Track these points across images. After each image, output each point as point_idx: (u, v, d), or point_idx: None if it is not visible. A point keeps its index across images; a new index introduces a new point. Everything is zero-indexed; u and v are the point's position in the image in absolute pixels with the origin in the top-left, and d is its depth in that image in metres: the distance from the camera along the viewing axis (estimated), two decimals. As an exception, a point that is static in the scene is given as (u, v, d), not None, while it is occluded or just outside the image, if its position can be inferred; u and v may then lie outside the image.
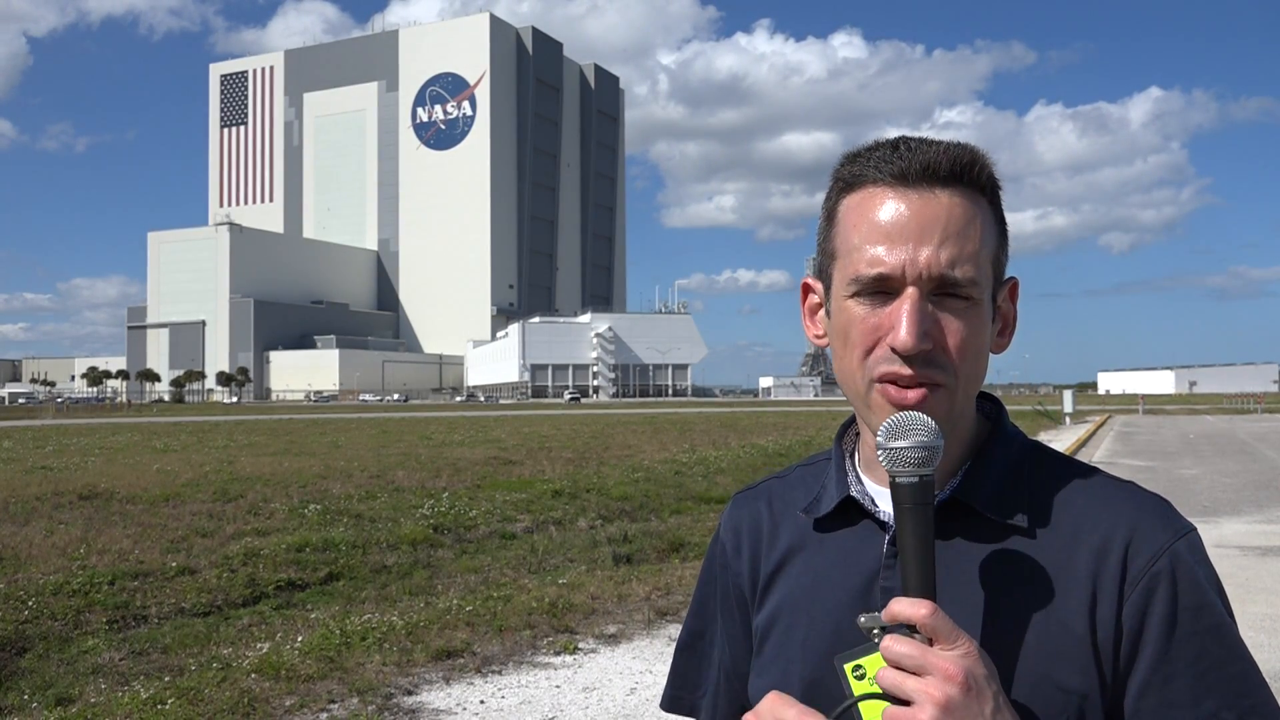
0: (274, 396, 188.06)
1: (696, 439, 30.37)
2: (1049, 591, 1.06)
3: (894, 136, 1.12)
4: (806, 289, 1.22)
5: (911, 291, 1.05)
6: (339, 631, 7.23)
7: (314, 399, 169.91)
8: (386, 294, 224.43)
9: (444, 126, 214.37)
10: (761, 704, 0.99)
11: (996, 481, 1.13)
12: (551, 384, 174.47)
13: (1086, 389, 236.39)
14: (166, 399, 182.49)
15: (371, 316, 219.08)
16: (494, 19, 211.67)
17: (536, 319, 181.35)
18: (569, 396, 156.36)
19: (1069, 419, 48.97)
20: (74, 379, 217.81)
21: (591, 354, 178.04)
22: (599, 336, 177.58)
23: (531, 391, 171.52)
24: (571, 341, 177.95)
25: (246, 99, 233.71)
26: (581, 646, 7.23)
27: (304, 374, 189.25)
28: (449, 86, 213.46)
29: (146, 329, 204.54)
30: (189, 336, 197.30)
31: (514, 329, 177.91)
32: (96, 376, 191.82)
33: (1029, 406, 62.68)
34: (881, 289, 1.07)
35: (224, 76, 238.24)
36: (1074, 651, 1.04)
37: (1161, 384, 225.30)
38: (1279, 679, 6.06)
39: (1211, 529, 12.69)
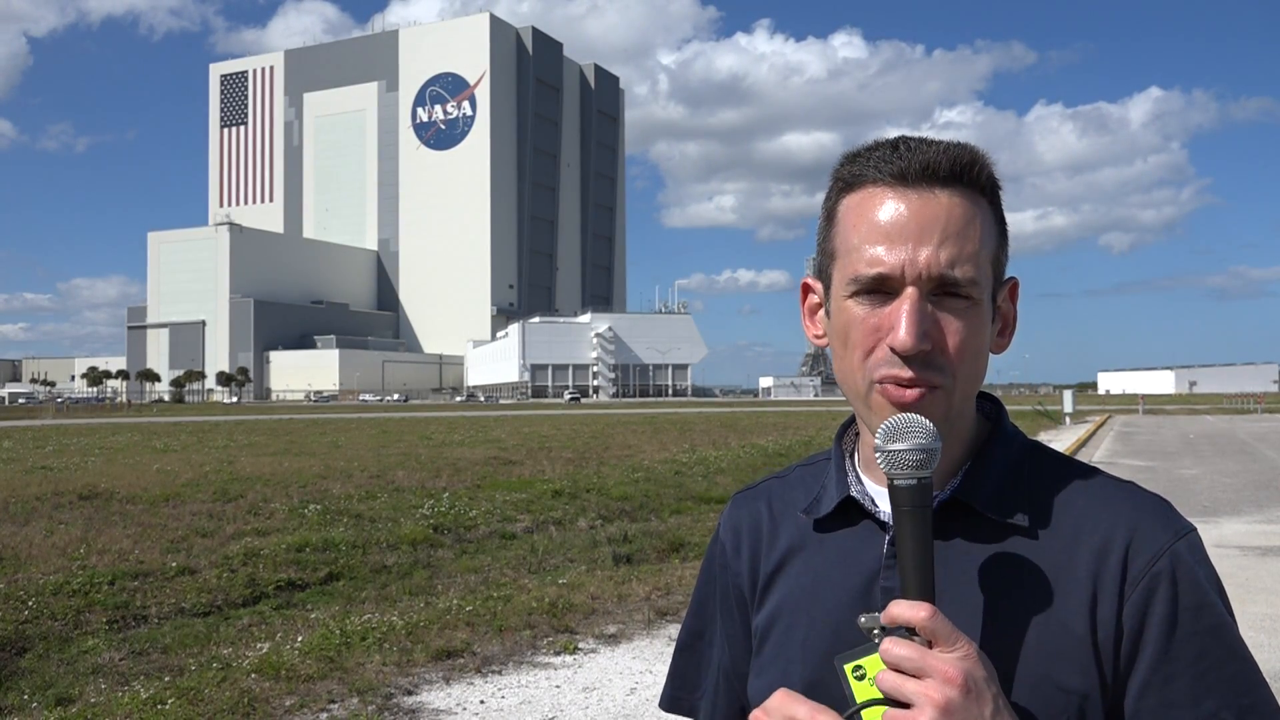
0: (274, 396, 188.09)
1: (696, 439, 30.37)
2: (1049, 592, 1.06)
3: (894, 136, 1.12)
4: (806, 289, 1.22)
5: (911, 291, 1.04)
6: (339, 631, 7.23)
7: (314, 399, 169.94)
8: (386, 294, 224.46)
9: (444, 126, 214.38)
10: (770, 700, 0.99)
11: (996, 481, 1.12)
12: (551, 384, 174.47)
13: (1086, 389, 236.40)
14: (166, 399, 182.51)
15: (371, 316, 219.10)
16: (494, 19, 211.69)
17: (536, 319, 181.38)
18: (569, 396, 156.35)
19: (1069, 419, 48.96)
20: (74, 379, 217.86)
21: (591, 354, 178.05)
22: (599, 336, 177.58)
23: (531, 391, 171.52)
24: (571, 341, 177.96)
25: (246, 99, 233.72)
26: (581, 646, 7.23)
27: (304, 374, 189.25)
28: (449, 86, 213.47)
29: (146, 329, 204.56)
30: (189, 336, 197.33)
31: (514, 329, 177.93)
32: (96, 376, 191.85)
33: (1029, 406, 62.68)
34: (881, 289, 1.06)
35: (224, 76, 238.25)
36: (1074, 652, 1.04)
37: (1161, 384, 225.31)
38: (1279, 679, 6.06)
39: (1211, 529, 12.69)
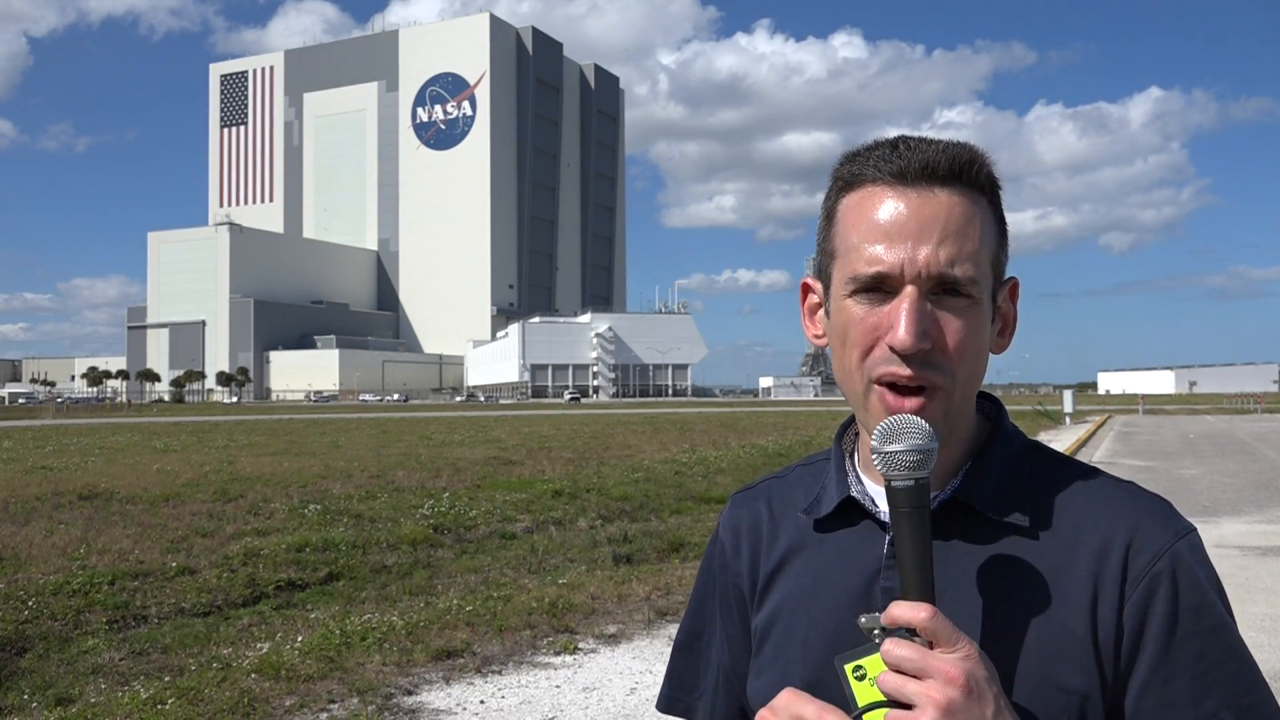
0: (274, 396, 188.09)
1: (696, 439, 30.37)
2: (1050, 592, 1.06)
3: (893, 136, 1.12)
4: (806, 289, 1.22)
5: (910, 290, 1.04)
6: (339, 631, 7.22)
7: (314, 399, 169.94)
8: (386, 294, 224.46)
9: (444, 126, 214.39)
10: (777, 700, 0.99)
11: (997, 482, 1.12)
12: (551, 384, 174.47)
13: (1086, 389, 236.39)
14: (166, 399, 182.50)
15: (371, 316, 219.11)
16: (494, 19, 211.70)
17: (536, 319, 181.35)
18: (569, 396, 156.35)
19: (1069, 419, 48.96)
20: (74, 379, 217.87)
21: (591, 354, 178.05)
22: (599, 336, 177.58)
23: (531, 391, 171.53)
24: (571, 341, 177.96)
25: (246, 99, 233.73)
26: (581, 646, 7.22)
27: (304, 374, 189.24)
28: (449, 86, 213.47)
29: (146, 329, 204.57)
30: (189, 336, 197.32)
31: (514, 329, 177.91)
32: (96, 376, 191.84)
33: (1029, 406, 62.68)
34: (880, 288, 1.06)
35: (224, 76, 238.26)
36: (1075, 652, 1.04)
37: (1161, 384, 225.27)
38: (1279, 679, 6.06)
39: (1211, 529, 12.69)
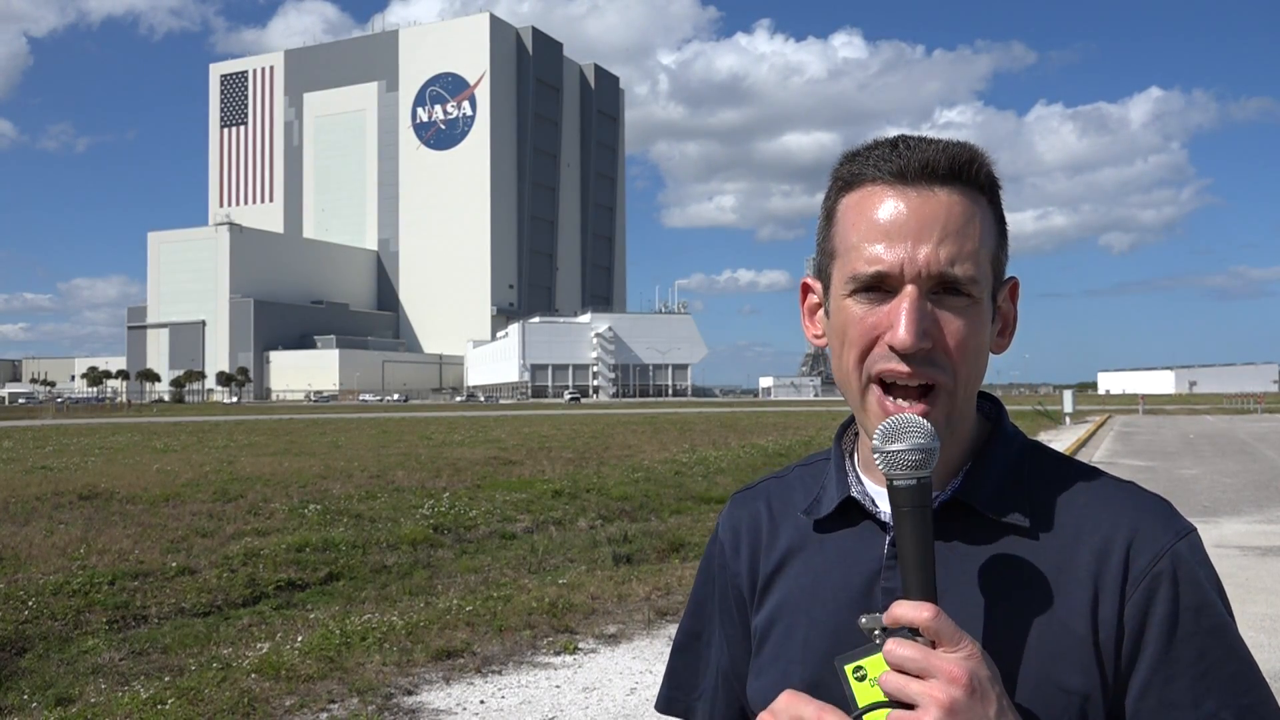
0: (274, 396, 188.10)
1: (696, 439, 30.37)
2: (1050, 592, 1.06)
3: (893, 135, 1.12)
4: (806, 289, 1.22)
5: (910, 290, 1.04)
6: (339, 631, 7.22)
7: (314, 399, 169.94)
8: (386, 294, 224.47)
9: (444, 126, 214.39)
10: (777, 702, 0.99)
11: (997, 482, 1.12)
12: (551, 384, 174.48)
13: (1086, 389, 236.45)
14: (166, 399, 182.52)
15: (371, 316, 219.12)
16: (494, 19, 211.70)
17: (536, 319, 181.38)
18: (569, 396, 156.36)
19: (1069, 419, 48.97)
20: (74, 379, 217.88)
21: (591, 354, 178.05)
22: (599, 336, 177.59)
23: (531, 391, 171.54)
24: (571, 341, 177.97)
25: (246, 99, 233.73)
26: (581, 646, 7.22)
27: (304, 374, 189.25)
28: (449, 86, 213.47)
29: (146, 329, 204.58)
30: (189, 336, 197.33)
31: (514, 329, 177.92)
32: (96, 376, 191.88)
33: (1029, 406, 62.68)
34: (880, 287, 1.06)
35: (224, 76, 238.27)
36: (1075, 652, 1.04)
37: (1161, 384, 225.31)
38: (1279, 679, 6.05)
39: (1211, 529, 12.69)
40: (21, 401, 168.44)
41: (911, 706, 0.91)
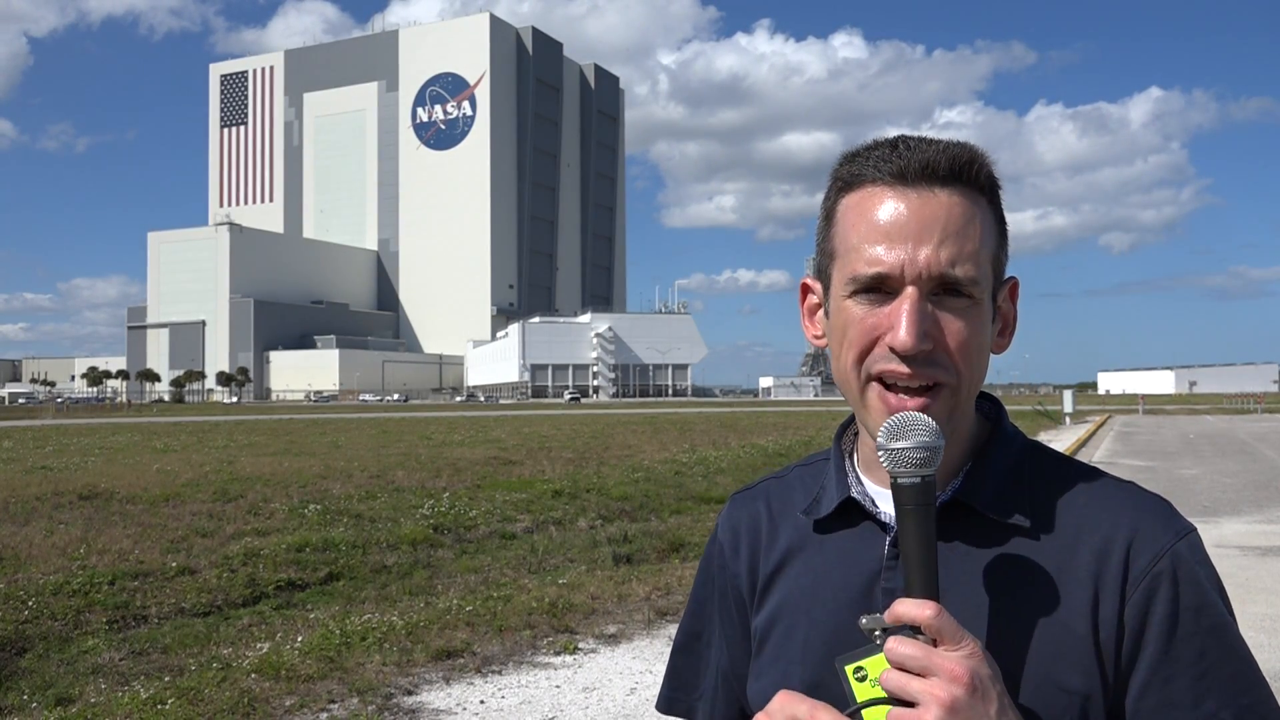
0: (274, 396, 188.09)
1: (696, 439, 30.37)
2: (1051, 593, 1.06)
3: (893, 136, 1.12)
4: (805, 289, 1.22)
5: (911, 291, 1.04)
6: (339, 631, 7.22)
7: (314, 399, 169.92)
8: (386, 294, 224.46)
9: (444, 126, 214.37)
10: (772, 703, 0.99)
11: (997, 482, 1.12)
12: (551, 384, 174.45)
13: (1086, 389, 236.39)
14: (166, 399, 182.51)
15: (371, 316, 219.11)
16: (494, 19, 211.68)
17: (536, 319, 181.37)
18: (569, 396, 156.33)
19: (1069, 419, 48.96)
20: (74, 379, 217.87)
21: (591, 354, 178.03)
22: (599, 336, 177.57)
23: (531, 391, 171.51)
24: (571, 341, 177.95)
25: (246, 99, 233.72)
26: (581, 646, 7.22)
27: (304, 374, 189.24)
28: (449, 86, 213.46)
29: (146, 329, 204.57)
30: (189, 336, 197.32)
31: (514, 329, 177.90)
32: (96, 376, 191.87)
33: (1029, 406, 62.68)
34: (881, 288, 1.06)
35: (224, 76, 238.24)
36: (1076, 652, 1.04)
37: (1161, 384, 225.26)
38: (1279, 679, 6.05)
39: (1211, 529, 12.69)
40: (21, 401, 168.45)
41: (912, 704, 0.91)
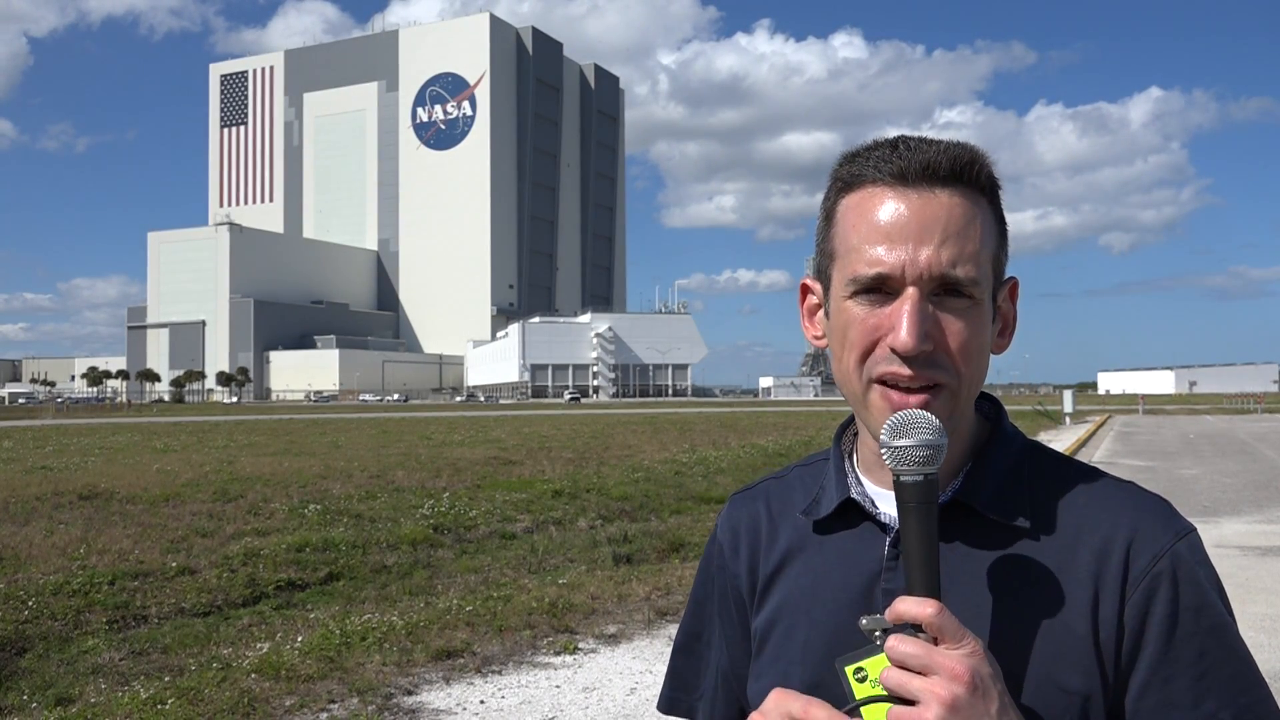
0: (274, 396, 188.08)
1: (696, 439, 30.37)
2: (1051, 593, 1.06)
3: (893, 136, 1.12)
4: (805, 290, 1.21)
5: (912, 292, 1.04)
6: (339, 631, 7.22)
7: (314, 399, 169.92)
8: (386, 294, 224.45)
9: (444, 126, 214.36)
10: (766, 701, 0.99)
11: (997, 483, 1.12)
12: (551, 384, 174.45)
13: (1086, 389, 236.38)
14: (166, 399, 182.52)
15: (371, 316, 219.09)
16: (494, 19, 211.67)
17: (536, 319, 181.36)
18: (569, 396, 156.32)
19: (1069, 419, 48.96)
20: (74, 379, 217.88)
21: (591, 354, 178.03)
22: (599, 336, 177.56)
23: (531, 391, 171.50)
24: (571, 341, 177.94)
25: (246, 99, 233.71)
26: (581, 646, 7.22)
27: (304, 374, 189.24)
28: (449, 86, 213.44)
29: (146, 329, 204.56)
30: (189, 336, 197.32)
31: (514, 329, 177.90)
32: (96, 376, 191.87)
33: (1029, 406, 62.67)
34: (881, 289, 1.06)
35: (224, 76, 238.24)
36: (1076, 653, 1.04)
37: (1161, 384, 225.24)
38: (1279, 679, 6.05)
39: (1211, 529, 12.69)
40: (21, 401, 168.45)
41: (913, 703, 0.91)
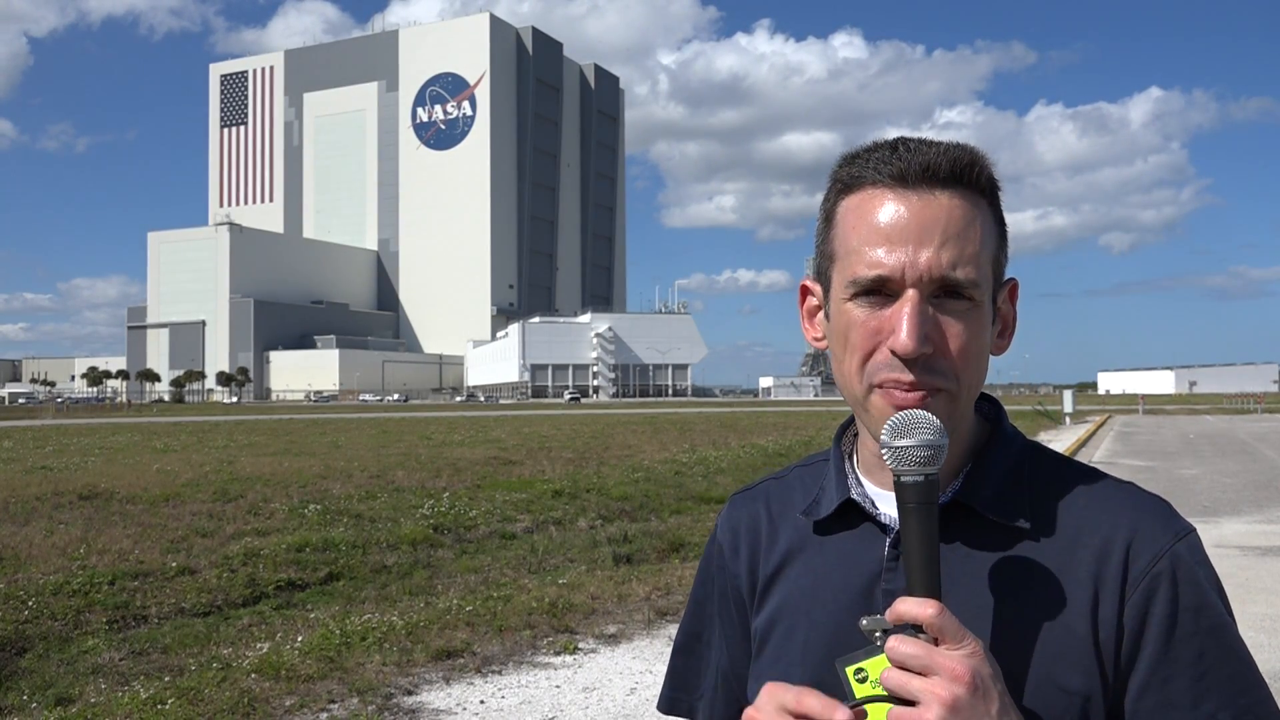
0: (274, 396, 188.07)
1: (696, 439, 30.37)
2: (1051, 594, 1.06)
3: (893, 137, 1.11)
4: (805, 291, 1.21)
5: (912, 294, 1.04)
6: (339, 631, 7.22)
7: (314, 399, 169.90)
8: (386, 294, 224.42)
9: (444, 126, 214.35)
10: (759, 698, 0.98)
11: (997, 484, 1.12)
12: (551, 384, 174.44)
13: (1086, 389, 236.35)
14: (166, 399, 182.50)
15: (371, 316, 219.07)
16: (494, 19, 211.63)
17: (536, 319, 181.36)
18: (569, 396, 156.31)
19: (1069, 419, 48.95)
20: (74, 379, 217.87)
21: (591, 354, 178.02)
22: (599, 336, 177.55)
23: (531, 391, 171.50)
24: (571, 341, 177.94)
25: (246, 99, 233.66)
26: (581, 646, 7.22)
27: (304, 374, 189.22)
28: (449, 86, 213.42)
29: (146, 329, 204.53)
30: (189, 336, 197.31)
31: (514, 329, 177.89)
32: (96, 376, 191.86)
33: (1029, 406, 62.67)
34: (881, 291, 1.06)
35: (224, 76, 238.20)
36: (1076, 653, 1.04)
37: (1161, 384, 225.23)
38: (1279, 679, 6.06)
39: (1211, 529, 12.69)
40: (21, 401, 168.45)
41: (913, 703, 0.91)
